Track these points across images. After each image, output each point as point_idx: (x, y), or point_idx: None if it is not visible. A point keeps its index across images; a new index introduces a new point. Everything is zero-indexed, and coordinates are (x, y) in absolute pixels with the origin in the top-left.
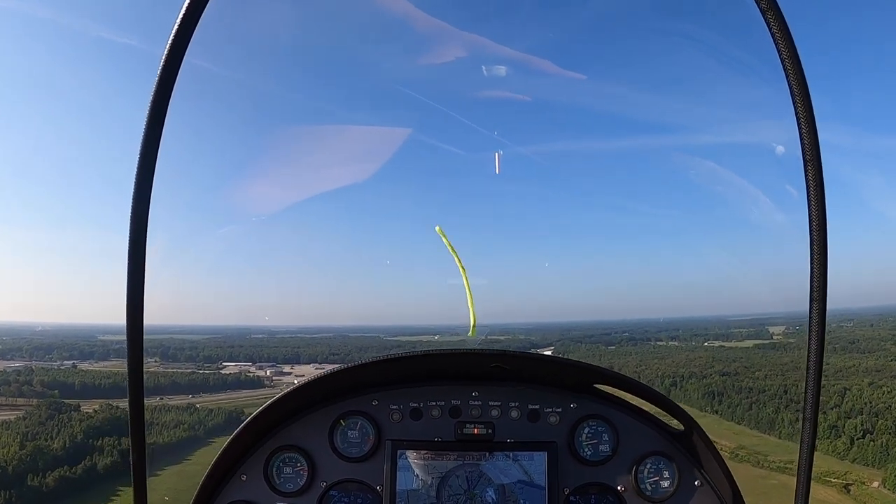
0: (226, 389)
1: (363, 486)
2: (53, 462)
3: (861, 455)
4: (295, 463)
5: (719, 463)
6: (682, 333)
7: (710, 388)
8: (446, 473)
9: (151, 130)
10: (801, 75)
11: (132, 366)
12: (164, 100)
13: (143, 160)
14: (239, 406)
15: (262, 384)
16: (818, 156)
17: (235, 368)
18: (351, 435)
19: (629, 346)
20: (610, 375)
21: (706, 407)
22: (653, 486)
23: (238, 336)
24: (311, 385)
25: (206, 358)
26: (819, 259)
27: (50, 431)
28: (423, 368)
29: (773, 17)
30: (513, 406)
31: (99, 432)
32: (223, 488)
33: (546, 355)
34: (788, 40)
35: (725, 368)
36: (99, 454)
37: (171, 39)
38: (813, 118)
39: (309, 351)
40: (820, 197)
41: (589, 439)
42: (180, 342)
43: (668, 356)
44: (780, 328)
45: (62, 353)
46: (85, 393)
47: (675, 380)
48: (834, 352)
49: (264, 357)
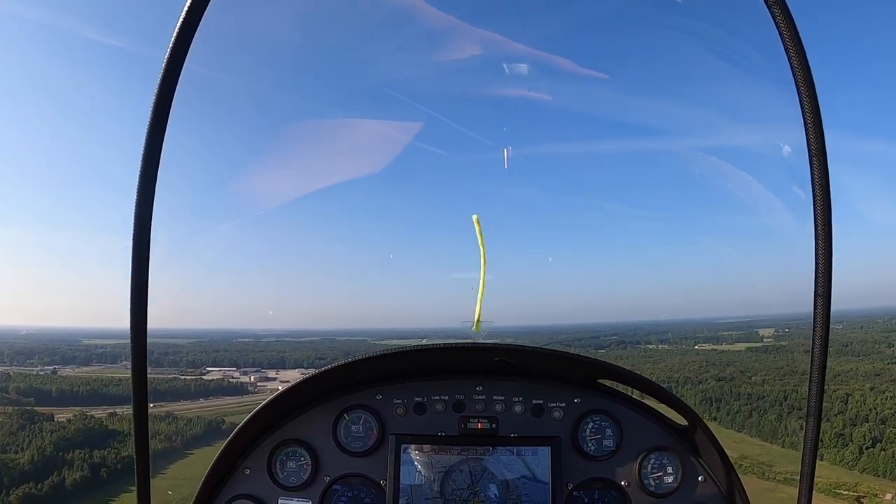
0: (207, 396)
1: (367, 481)
2: (20, 478)
3: (871, 465)
4: (298, 457)
5: (722, 458)
6: (671, 336)
7: (707, 394)
8: (450, 468)
9: (154, 132)
10: (808, 73)
11: (136, 369)
12: (166, 101)
13: (146, 163)
14: (219, 414)
15: (246, 390)
16: (823, 146)
17: (219, 374)
18: (354, 429)
19: (619, 350)
20: (614, 370)
21: (704, 414)
22: (656, 481)
23: (223, 340)
24: (315, 379)
25: (189, 363)
26: (824, 253)
27: (21, 443)
28: (426, 363)
29: (779, 13)
30: (516, 401)
31: (70, 444)
32: (227, 482)
33: (550, 350)
34: (795, 37)
35: (721, 373)
36: (69, 468)
37: (174, 40)
38: (819, 116)
39: (295, 355)
40: (825, 190)
41: (592, 434)
42: (164, 346)
43: (661, 360)
44: (769, 330)
45: (43, 357)
46: (62, 400)
47: (669, 385)
48: (829, 354)
49: (249, 362)
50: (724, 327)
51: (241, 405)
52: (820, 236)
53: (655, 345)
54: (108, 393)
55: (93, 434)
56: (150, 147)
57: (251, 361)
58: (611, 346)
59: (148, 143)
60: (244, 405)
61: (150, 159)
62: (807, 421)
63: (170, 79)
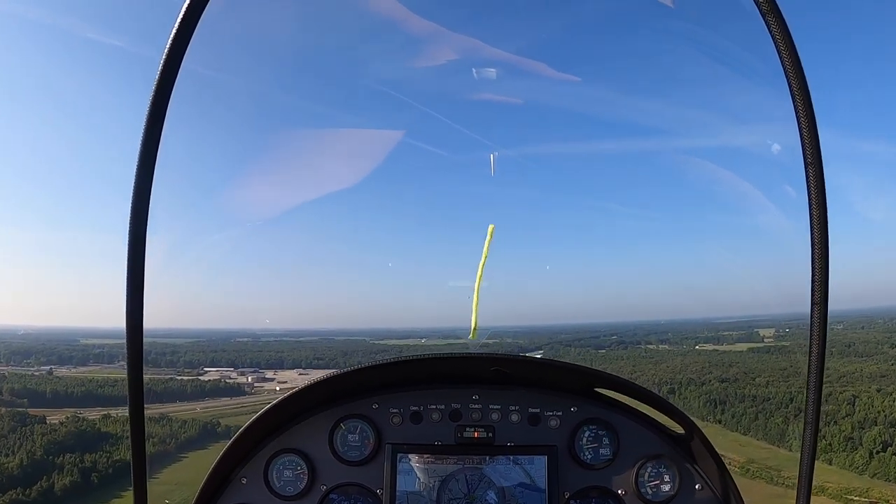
0: (204, 397)
1: (363, 490)
2: (9, 483)
3: (882, 470)
4: (295, 466)
5: (719, 466)
6: (671, 336)
7: (711, 395)
8: (446, 477)
9: (151, 131)
10: (801, 74)
11: (132, 370)
12: (163, 101)
13: (143, 162)
14: (216, 416)
15: (243, 391)
16: (819, 156)
17: (216, 374)
18: (351, 438)
19: (620, 350)
20: (610, 379)
21: (708, 416)
22: (653, 489)
23: (222, 340)
24: (312, 388)
25: (186, 363)
26: (821, 261)
27: (12, 446)
28: (423, 372)
29: (772, 19)
30: (513, 409)
31: (61, 448)
32: (223, 492)
33: (547, 359)
34: (788, 39)
35: (724, 374)
36: (59, 473)
37: (171, 41)
38: (814, 118)
39: (293, 356)
40: (821, 198)
41: (589, 443)
42: (162, 346)
43: (662, 361)
44: (769, 330)
45: (40, 357)
46: (56, 402)
47: (672, 386)
48: (831, 355)
49: (247, 362)
50: (723, 327)
51: (237, 406)
52: (816, 244)
53: (656, 345)
54: (103, 394)
55: (85, 437)
56: (147, 146)
57: (249, 362)
58: (611, 346)
59: (145, 142)
60: (240, 406)
61: (147, 158)
62: (804, 428)
63: (167, 79)
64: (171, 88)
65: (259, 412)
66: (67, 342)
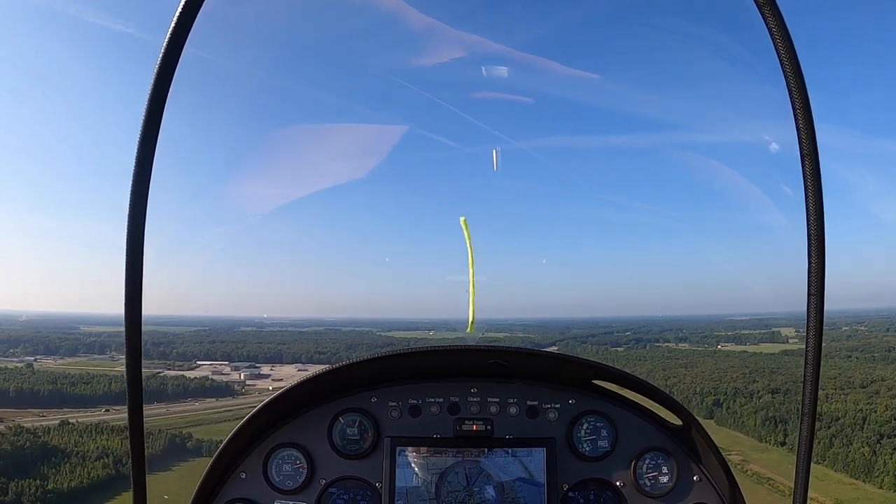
0: (186, 398)
1: (362, 483)
2: None
3: None
4: (294, 460)
5: (718, 458)
6: (688, 334)
7: (768, 411)
8: (445, 470)
9: (150, 122)
10: (798, 70)
11: (131, 369)
12: (162, 92)
13: (141, 152)
14: (192, 421)
15: (232, 391)
16: (815, 150)
17: (207, 369)
18: (350, 432)
19: (640, 349)
20: (608, 371)
21: (767, 437)
22: (651, 481)
23: (225, 329)
24: (310, 382)
25: (179, 355)
26: (817, 254)
27: None
28: (421, 365)
29: (769, 13)
30: (511, 402)
31: None
32: (223, 486)
33: (544, 351)
34: (785, 35)
35: (771, 383)
36: None
37: (170, 32)
38: (810, 113)
39: (294, 348)
40: (817, 192)
41: (588, 435)
42: (160, 335)
43: (692, 364)
44: (790, 329)
45: (27, 347)
46: (20, 401)
47: (717, 397)
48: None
49: (244, 356)
50: (739, 325)
51: (221, 410)
52: (812, 235)
53: (675, 343)
54: (73, 393)
55: (21, 456)
56: (146, 135)
57: (246, 355)
58: (629, 343)
59: (144, 131)
60: (223, 410)
61: (146, 147)
62: (801, 420)
63: (166, 70)
64: (171, 76)
65: (257, 406)
66: (65, 329)
